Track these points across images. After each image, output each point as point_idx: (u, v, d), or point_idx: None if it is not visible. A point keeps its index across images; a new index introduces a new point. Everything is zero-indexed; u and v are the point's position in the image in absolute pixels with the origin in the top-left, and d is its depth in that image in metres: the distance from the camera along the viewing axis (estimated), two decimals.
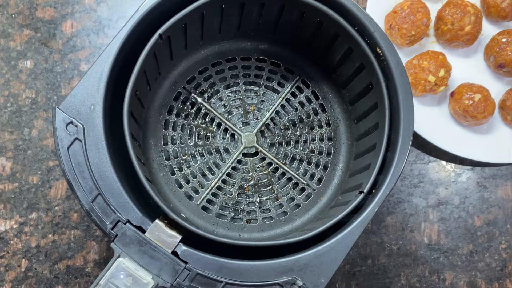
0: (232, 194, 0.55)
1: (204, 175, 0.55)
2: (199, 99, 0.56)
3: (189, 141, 0.56)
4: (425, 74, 0.60)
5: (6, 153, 0.60)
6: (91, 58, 0.63)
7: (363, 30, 0.48)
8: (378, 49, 0.47)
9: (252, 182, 0.55)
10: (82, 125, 0.44)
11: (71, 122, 0.43)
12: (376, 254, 0.61)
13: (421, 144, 0.64)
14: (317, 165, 0.56)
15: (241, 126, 0.56)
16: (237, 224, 0.54)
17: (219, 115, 0.56)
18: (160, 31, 0.46)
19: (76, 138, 0.43)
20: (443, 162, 0.64)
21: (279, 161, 0.56)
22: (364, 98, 0.52)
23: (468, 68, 0.65)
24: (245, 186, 0.55)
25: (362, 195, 0.46)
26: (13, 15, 0.63)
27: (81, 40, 0.63)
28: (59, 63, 0.62)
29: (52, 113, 0.44)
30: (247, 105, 0.57)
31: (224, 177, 0.55)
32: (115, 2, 0.64)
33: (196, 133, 0.56)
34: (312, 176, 0.56)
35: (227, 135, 0.56)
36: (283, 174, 0.56)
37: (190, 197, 0.54)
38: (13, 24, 0.63)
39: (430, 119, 0.62)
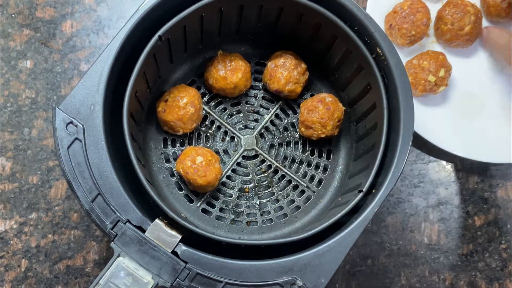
0: (232, 197, 0.55)
1: None
2: None
3: (188, 143, 0.55)
4: (425, 74, 0.60)
5: (6, 153, 0.60)
6: (91, 58, 0.63)
7: (363, 30, 0.48)
8: (378, 49, 0.47)
9: (252, 185, 0.55)
10: (82, 125, 0.44)
11: (71, 122, 0.44)
12: (376, 254, 0.61)
13: (421, 144, 0.64)
14: (316, 167, 0.56)
15: (241, 128, 0.56)
16: (237, 226, 0.54)
17: (218, 118, 0.56)
18: (159, 32, 0.46)
19: (76, 138, 0.43)
20: (443, 162, 0.64)
21: (279, 163, 0.56)
22: (362, 100, 0.52)
23: (468, 68, 0.65)
24: (245, 188, 0.55)
25: (361, 194, 0.46)
26: (13, 15, 0.63)
27: (81, 40, 0.63)
28: (59, 63, 0.62)
29: (52, 113, 0.44)
30: (246, 107, 0.57)
31: (224, 179, 0.55)
32: (115, 2, 0.64)
33: (196, 135, 0.56)
34: (312, 178, 0.56)
35: (227, 138, 0.56)
36: (283, 176, 0.55)
37: (190, 200, 0.54)
38: (13, 24, 0.63)
39: (430, 119, 0.62)
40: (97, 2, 0.64)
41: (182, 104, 0.52)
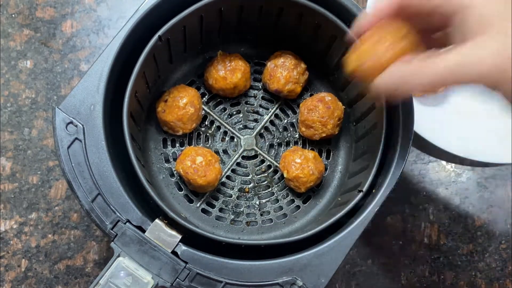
0: (231, 197, 0.54)
1: None
2: None
3: (188, 143, 0.55)
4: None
5: (6, 153, 0.60)
6: (91, 58, 0.63)
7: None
8: None
9: (251, 185, 0.55)
10: (82, 125, 0.44)
11: (71, 122, 0.44)
12: (376, 254, 0.61)
13: (421, 144, 0.64)
14: None
15: (240, 128, 0.56)
16: (237, 226, 0.54)
17: (218, 118, 0.56)
18: (159, 32, 0.46)
19: (76, 138, 0.43)
20: (443, 162, 0.64)
21: (279, 163, 0.56)
22: (362, 100, 0.52)
23: None
24: (244, 188, 0.55)
25: (361, 194, 0.46)
26: (13, 15, 0.63)
27: (81, 40, 0.63)
28: (59, 63, 0.62)
29: (52, 113, 0.44)
30: (246, 108, 0.57)
31: (224, 179, 0.55)
32: (115, 2, 0.64)
33: (196, 136, 0.56)
34: None
35: (227, 138, 0.56)
36: (282, 176, 0.55)
37: (189, 200, 0.54)
38: (13, 24, 0.63)
39: (430, 119, 0.62)
40: (97, 2, 0.64)
41: (182, 104, 0.51)
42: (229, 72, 0.53)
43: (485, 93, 0.65)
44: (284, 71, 0.53)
